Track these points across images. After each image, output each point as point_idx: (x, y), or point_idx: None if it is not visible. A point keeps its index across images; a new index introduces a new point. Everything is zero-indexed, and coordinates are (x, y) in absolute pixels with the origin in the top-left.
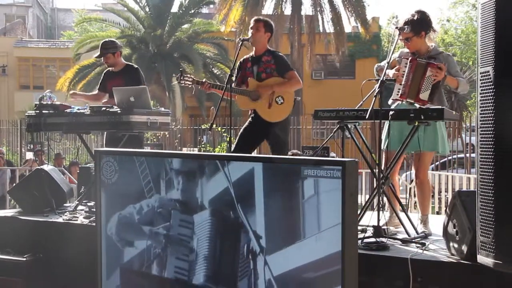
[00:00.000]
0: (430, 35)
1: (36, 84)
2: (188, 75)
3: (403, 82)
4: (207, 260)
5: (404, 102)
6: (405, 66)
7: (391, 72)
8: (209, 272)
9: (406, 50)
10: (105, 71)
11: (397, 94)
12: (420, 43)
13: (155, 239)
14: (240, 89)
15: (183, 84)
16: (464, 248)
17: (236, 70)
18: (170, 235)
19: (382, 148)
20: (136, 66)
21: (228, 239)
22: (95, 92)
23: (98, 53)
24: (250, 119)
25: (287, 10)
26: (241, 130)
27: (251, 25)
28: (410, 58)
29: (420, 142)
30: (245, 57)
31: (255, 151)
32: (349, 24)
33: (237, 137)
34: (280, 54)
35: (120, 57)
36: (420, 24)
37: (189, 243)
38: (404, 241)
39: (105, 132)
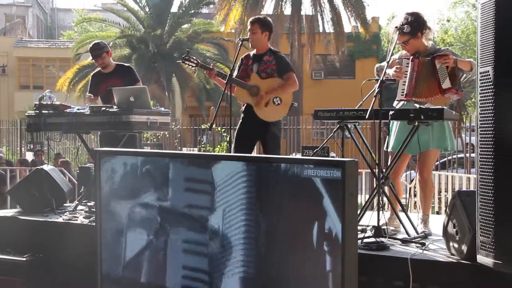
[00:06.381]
0: (426, 34)
1: (36, 84)
2: (194, 58)
3: (406, 82)
4: (246, 251)
5: (408, 102)
6: (407, 66)
7: (391, 71)
8: (249, 273)
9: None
10: (92, 74)
11: (402, 95)
12: (418, 44)
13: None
14: (241, 81)
15: (186, 65)
16: (464, 248)
17: (236, 69)
18: (168, 207)
19: (388, 150)
20: (127, 64)
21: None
22: (90, 96)
23: (91, 56)
24: (241, 119)
25: (287, 10)
26: (236, 133)
27: (248, 27)
28: (411, 57)
29: (429, 140)
30: (247, 53)
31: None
32: (349, 24)
33: (234, 142)
34: (282, 55)
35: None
36: (415, 25)
37: (207, 221)
38: (404, 241)
39: (99, 132)
